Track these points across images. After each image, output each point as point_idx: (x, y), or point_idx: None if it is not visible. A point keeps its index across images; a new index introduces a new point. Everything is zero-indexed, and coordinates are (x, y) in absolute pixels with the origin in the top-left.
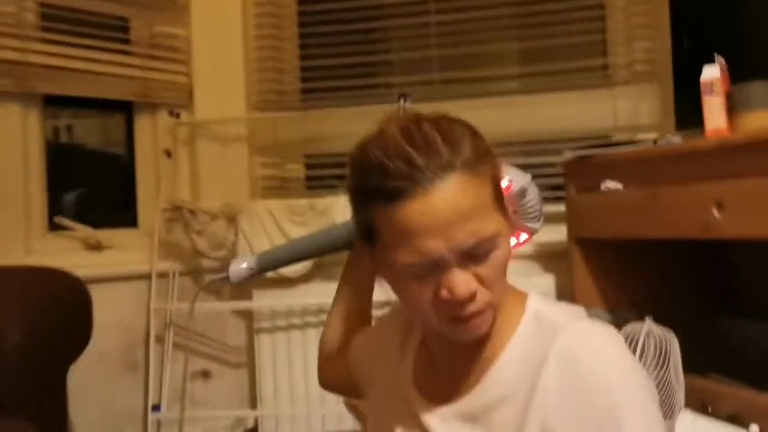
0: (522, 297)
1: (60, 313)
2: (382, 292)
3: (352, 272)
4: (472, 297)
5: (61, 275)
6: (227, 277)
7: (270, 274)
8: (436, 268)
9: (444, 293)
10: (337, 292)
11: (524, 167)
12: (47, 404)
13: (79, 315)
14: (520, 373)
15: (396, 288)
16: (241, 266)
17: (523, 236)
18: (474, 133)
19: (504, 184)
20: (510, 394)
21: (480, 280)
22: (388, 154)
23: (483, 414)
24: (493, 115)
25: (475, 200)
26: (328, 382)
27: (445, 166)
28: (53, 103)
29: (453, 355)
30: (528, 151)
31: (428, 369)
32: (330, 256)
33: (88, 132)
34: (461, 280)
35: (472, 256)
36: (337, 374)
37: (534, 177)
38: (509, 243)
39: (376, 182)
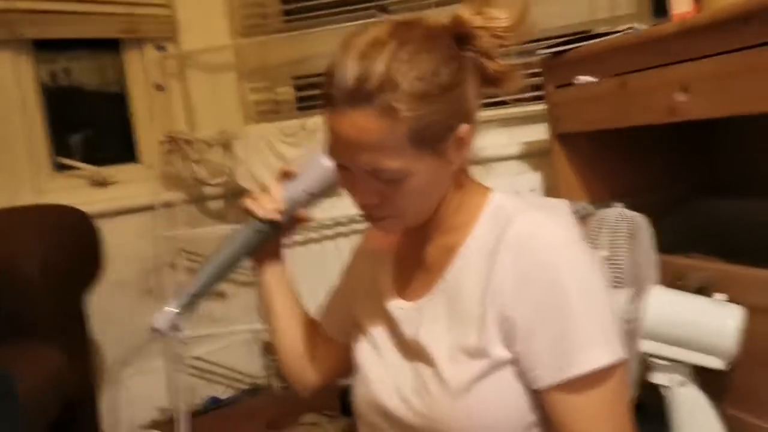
0: (486, 192)
1: (71, 245)
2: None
3: (265, 278)
4: (370, 206)
5: (68, 210)
6: (158, 332)
7: None
8: (346, 168)
9: (349, 192)
10: (266, 310)
11: None
12: (69, 329)
13: (89, 245)
14: (479, 261)
15: None
16: (167, 316)
17: None
18: (434, 72)
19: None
20: (471, 282)
21: (382, 196)
22: (341, 61)
23: (450, 300)
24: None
25: (382, 137)
26: (319, 385)
27: (365, 98)
28: (46, 47)
29: (422, 246)
30: (509, 52)
31: (404, 263)
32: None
33: (86, 73)
34: (360, 190)
35: (375, 175)
36: (327, 368)
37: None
38: (428, 179)
39: (325, 77)
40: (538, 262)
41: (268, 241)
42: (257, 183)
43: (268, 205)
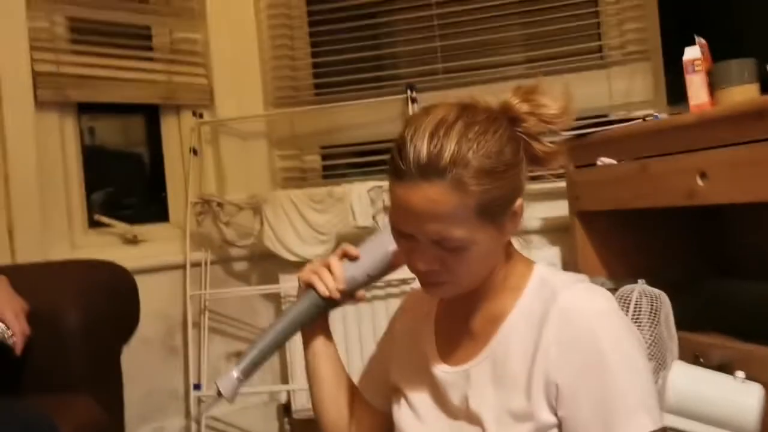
0: (530, 264)
1: (111, 299)
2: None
3: (313, 346)
4: (429, 272)
5: (109, 265)
6: (220, 395)
7: (292, 257)
8: (411, 236)
9: (409, 259)
10: (311, 376)
11: None
12: (105, 382)
13: (127, 300)
14: (525, 330)
15: None
16: (229, 380)
17: None
18: (499, 151)
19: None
20: (518, 349)
21: (443, 263)
22: (412, 136)
23: (495, 365)
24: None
25: (452, 209)
26: None
27: (439, 173)
28: (84, 109)
29: (468, 314)
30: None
31: (446, 329)
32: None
33: (111, 135)
34: (422, 257)
35: (439, 244)
36: None
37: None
38: (487, 248)
39: (393, 152)
40: (582, 332)
41: (324, 314)
42: (285, 247)
43: (330, 283)
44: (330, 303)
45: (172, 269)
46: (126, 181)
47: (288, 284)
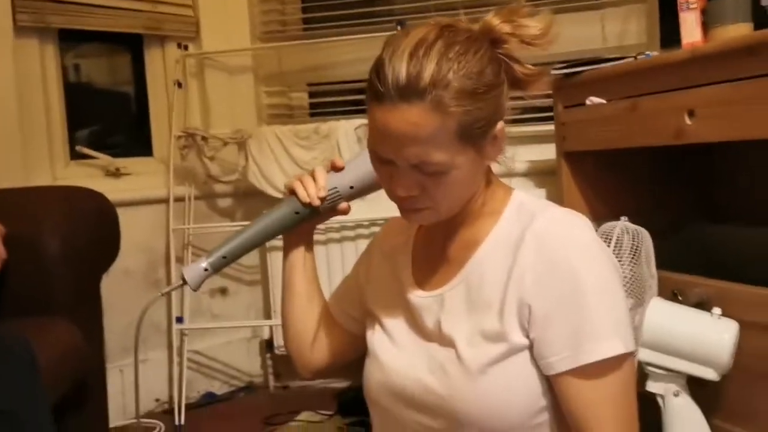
0: (509, 190)
1: (92, 226)
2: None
3: (292, 256)
4: (409, 198)
5: (90, 193)
6: (185, 283)
7: (277, 194)
8: (390, 162)
9: (388, 185)
10: (285, 286)
11: None
12: (85, 308)
13: (108, 227)
14: (501, 253)
15: None
16: (196, 270)
17: None
18: (480, 72)
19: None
20: (493, 273)
21: (423, 188)
22: (390, 57)
23: (470, 289)
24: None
25: (432, 131)
26: (319, 367)
27: (418, 94)
28: (67, 40)
29: (444, 240)
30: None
31: (424, 256)
32: None
33: (95, 71)
34: (401, 182)
35: (419, 168)
36: (329, 352)
37: (527, 99)
38: (467, 172)
39: (371, 74)
40: (558, 256)
41: (304, 222)
42: (269, 184)
43: (311, 189)
44: (310, 210)
45: (156, 203)
46: (111, 118)
47: None
